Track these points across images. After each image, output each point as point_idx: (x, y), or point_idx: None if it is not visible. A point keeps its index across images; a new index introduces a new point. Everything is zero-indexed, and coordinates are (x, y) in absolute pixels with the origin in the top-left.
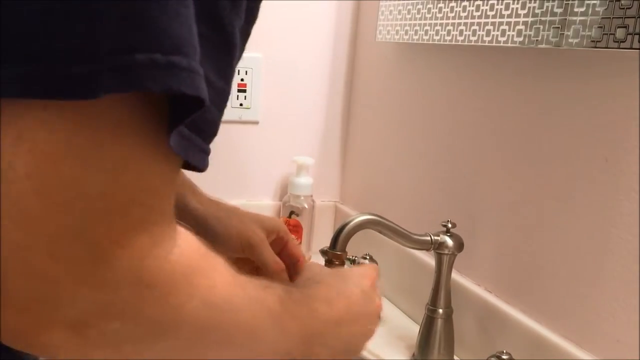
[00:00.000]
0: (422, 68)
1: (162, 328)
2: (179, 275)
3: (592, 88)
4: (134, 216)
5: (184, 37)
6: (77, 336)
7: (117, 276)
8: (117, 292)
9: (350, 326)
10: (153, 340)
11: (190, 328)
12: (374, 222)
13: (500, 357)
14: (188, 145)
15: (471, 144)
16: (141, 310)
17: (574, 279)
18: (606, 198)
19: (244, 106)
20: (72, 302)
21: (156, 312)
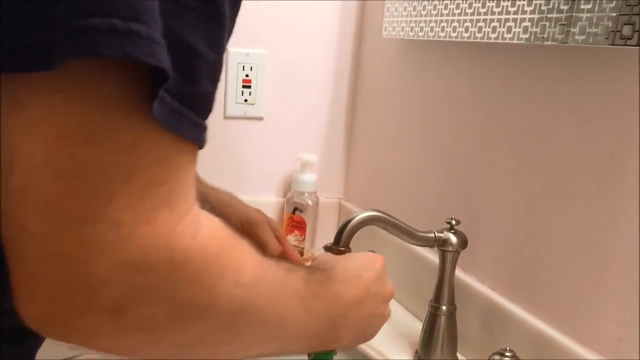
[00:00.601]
0: (428, 65)
1: (197, 309)
2: (209, 255)
3: (598, 86)
4: (156, 194)
5: (145, 6)
6: (114, 321)
7: (147, 256)
8: (150, 273)
9: (369, 307)
10: (188, 322)
11: (224, 309)
12: (378, 218)
13: (504, 354)
14: (180, 119)
15: (476, 141)
16: (175, 291)
17: (578, 278)
18: (611, 196)
19: (249, 102)
20: (105, 286)
21: (190, 293)
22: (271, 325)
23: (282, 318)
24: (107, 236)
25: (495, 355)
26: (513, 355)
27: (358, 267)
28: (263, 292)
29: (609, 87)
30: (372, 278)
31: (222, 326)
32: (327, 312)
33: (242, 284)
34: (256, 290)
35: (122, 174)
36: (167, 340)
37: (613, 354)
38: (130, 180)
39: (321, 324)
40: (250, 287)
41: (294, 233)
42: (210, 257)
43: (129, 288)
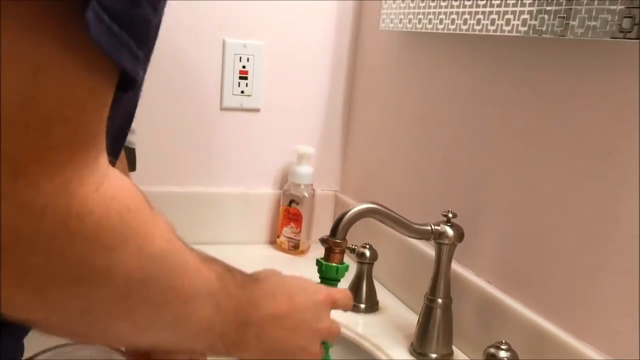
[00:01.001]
0: (426, 57)
1: (90, 271)
2: (113, 211)
3: (597, 79)
4: (56, 132)
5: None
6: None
7: (40, 198)
8: (43, 219)
9: (290, 331)
10: (79, 284)
11: (121, 276)
12: (375, 210)
13: (499, 347)
14: (120, 46)
15: (473, 134)
16: (67, 245)
17: (575, 271)
18: (609, 191)
19: (245, 94)
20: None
21: (84, 251)
22: (172, 311)
23: (185, 304)
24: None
25: (491, 348)
26: (509, 348)
27: (296, 288)
28: (168, 270)
29: (609, 81)
30: (305, 304)
31: (116, 296)
32: (236, 315)
33: (147, 254)
34: (161, 266)
35: (21, 102)
36: (54, 304)
37: (610, 348)
38: (30, 111)
39: (227, 325)
40: (155, 261)
41: (290, 225)
42: (114, 214)
43: (13, 227)
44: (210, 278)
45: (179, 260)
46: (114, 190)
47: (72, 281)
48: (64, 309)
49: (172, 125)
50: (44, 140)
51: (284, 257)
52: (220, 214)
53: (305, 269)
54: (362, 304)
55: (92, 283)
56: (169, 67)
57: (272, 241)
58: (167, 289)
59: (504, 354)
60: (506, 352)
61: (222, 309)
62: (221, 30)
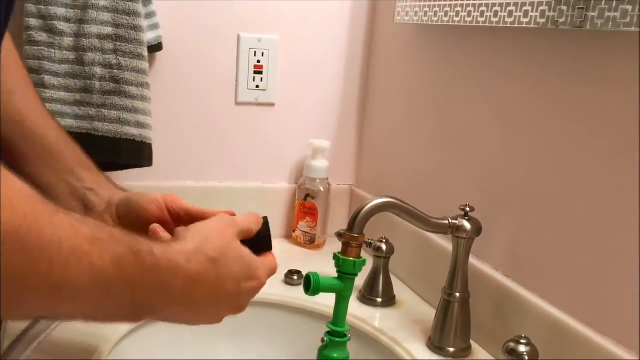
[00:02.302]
0: (442, 50)
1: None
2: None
3: (617, 72)
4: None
5: None
6: None
7: None
8: None
9: (196, 314)
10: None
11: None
12: (393, 205)
13: (519, 341)
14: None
15: (490, 128)
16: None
17: (594, 264)
18: (629, 182)
19: (260, 88)
20: None
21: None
22: (42, 301)
23: (58, 291)
24: None
25: (511, 342)
26: (528, 342)
27: (226, 278)
28: (24, 251)
29: (628, 73)
30: (227, 294)
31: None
32: (133, 298)
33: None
34: (12, 247)
35: None
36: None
37: (629, 341)
38: None
39: (117, 306)
40: (3, 242)
41: (305, 219)
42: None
43: None
44: (99, 262)
45: (46, 241)
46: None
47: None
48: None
49: (188, 120)
50: None
51: (299, 252)
52: (236, 209)
53: (321, 263)
54: (379, 298)
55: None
56: (184, 62)
57: (287, 235)
58: (26, 273)
59: (523, 349)
60: (526, 346)
61: (112, 292)
62: (236, 25)
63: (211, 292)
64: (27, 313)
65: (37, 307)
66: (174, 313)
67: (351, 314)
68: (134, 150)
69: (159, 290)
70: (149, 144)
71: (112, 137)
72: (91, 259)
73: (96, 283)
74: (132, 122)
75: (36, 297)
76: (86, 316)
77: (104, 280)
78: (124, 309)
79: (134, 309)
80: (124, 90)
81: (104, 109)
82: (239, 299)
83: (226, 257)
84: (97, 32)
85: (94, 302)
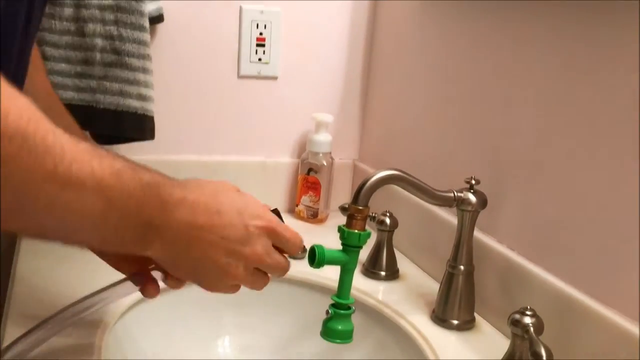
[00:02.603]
0: (446, 24)
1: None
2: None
3: (626, 45)
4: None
5: None
6: None
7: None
8: None
9: (205, 243)
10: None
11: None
12: (398, 177)
13: (524, 313)
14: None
15: (496, 101)
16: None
17: (599, 237)
18: (635, 153)
19: (263, 61)
20: None
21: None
22: (45, 194)
23: (62, 190)
24: None
25: (516, 314)
26: (534, 313)
27: (229, 206)
28: (31, 150)
29: (635, 40)
30: (231, 223)
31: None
32: (137, 214)
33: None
34: (19, 144)
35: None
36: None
37: (635, 313)
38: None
39: (125, 221)
40: (10, 138)
41: (308, 194)
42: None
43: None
44: (99, 171)
45: (49, 144)
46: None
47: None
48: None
49: (190, 93)
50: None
51: (302, 226)
52: (238, 183)
53: (324, 237)
54: (383, 272)
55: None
56: (186, 34)
57: (290, 210)
58: (33, 170)
59: (529, 320)
60: (531, 317)
61: (116, 204)
62: None
63: (209, 213)
64: (41, 219)
65: (49, 211)
66: (178, 235)
67: (355, 287)
68: (135, 123)
69: (159, 203)
70: (151, 117)
71: (114, 110)
72: (92, 167)
73: (99, 189)
74: (134, 94)
75: (46, 197)
76: (96, 233)
77: (106, 187)
78: (130, 224)
79: (139, 226)
80: (126, 62)
81: (106, 81)
82: (248, 234)
83: (224, 189)
84: (97, 3)
85: (99, 210)
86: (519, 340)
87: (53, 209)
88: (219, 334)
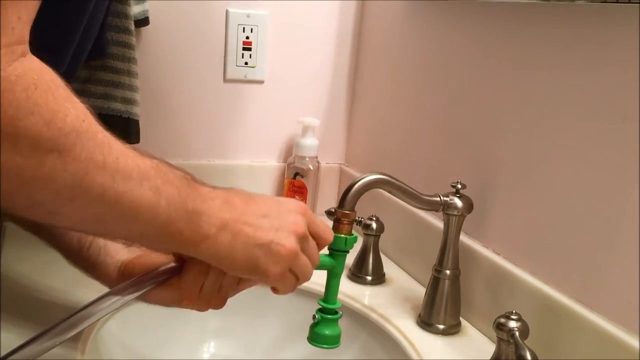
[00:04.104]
0: (432, 26)
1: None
2: (17, 87)
3: (612, 46)
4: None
5: None
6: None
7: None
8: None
9: (251, 226)
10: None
11: (29, 143)
12: (384, 181)
13: (510, 317)
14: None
15: (482, 104)
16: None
17: (585, 241)
18: (622, 159)
19: (249, 65)
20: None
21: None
22: (98, 183)
23: (113, 180)
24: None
25: (502, 318)
26: (519, 318)
27: (259, 196)
28: (85, 145)
29: (623, 47)
30: (265, 204)
31: (27, 162)
32: (183, 202)
33: (56, 127)
34: (74, 140)
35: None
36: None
37: (620, 317)
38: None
39: (175, 209)
40: (66, 135)
41: (294, 198)
42: (19, 90)
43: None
44: (144, 164)
45: (98, 141)
46: (22, 70)
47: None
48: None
49: (176, 97)
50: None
51: None
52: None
53: None
54: (369, 276)
55: (1, 147)
56: (172, 38)
57: None
58: (86, 160)
59: (514, 324)
60: (516, 321)
61: (163, 192)
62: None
63: (247, 199)
64: (97, 208)
65: (104, 199)
66: (224, 217)
67: (341, 291)
68: (120, 126)
69: (199, 195)
70: (136, 120)
71: (98, 113)
72: (136, 160)
73: (146, 180)
74: (119, 97)
75: (100, 185)
76: (150, 220)
77: (152, 178)
78: (179, 212)
79: (187, 214)
80: (110, 65)
81: (89, 84)
82: (280, 211)
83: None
84: None
85: (149, 198)
86: (505, 344)
87: (106, 198)
88: (205, 339)
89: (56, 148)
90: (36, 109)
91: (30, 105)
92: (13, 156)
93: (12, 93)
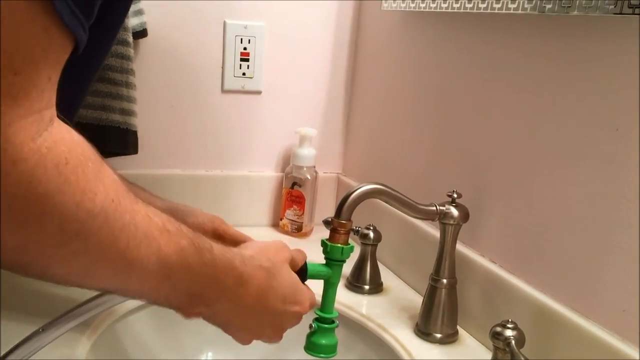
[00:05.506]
0: (429, 37)
1: (23, 213)
2: (49, 162)
3: (605, 56)
4: (5, 79)
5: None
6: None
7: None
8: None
9: (247, 322)
10: (16, 222)
11: (56, 225)
12: (380, 191)
13: (506, 325)
14: (77, 23)
15: (478, 114)
16: (3, 185)
17: (580, 249)
18: (615, 168)
19: (247, 76)
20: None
21: (18, 193)
22: (112, 267)
23: (130, 266)
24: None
25: (497, 326)
26: (515, 326)
27: (277, 289)
28: (110, 229)
29: (615, 58)
30: (275, 311)
31: (50, 242)
32: (189, 290)
33: (85, 208)
34: (100, 223)
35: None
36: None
37: (616, 326)
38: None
39: (176, 293)
40: (94, 217)
41: (292, 208)
42: (50, 165)
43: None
44: (165, 250)
45: (125, 222)
46: (52, 143)
47: (7, 218)
48: (8, 248)
49: (174, 108)
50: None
51: (286, 240)
52: (222, 197)
53: (308, 251)
54: (366, 285)
55: (25, 223)
56: (170, 49)
57: (274, 224)
58: (108, 246)
59: (510, 333)
60: (512, 330)
61: (172, 279)
62: (222, 11)
63: (258, 298)
64: (103, 283)
65: (113, 279)
66: (222, 310)
67: (338, 301)
68: (118, 137)
69: (213, 283)
70: (134, 131)
71: (96, 125)
72: (159, 245)
73: (161, 267)
74: (117, 109)
75: (114, 269)
76: (148, 296)
77: (167, 265)
78: (180, 295)
79: (189, 297)
80: (108, 77)
81: (88, 96)
82: (282, 318)
83: (278, 272)
84: None
85: (156, 283)
86: (501, 353)
87: (116, 278)
88: (202, 349)
89: (82, 232)
90: (67, 187)
91: (61, 182)
92: (36, 234)
93: (44, 169)
